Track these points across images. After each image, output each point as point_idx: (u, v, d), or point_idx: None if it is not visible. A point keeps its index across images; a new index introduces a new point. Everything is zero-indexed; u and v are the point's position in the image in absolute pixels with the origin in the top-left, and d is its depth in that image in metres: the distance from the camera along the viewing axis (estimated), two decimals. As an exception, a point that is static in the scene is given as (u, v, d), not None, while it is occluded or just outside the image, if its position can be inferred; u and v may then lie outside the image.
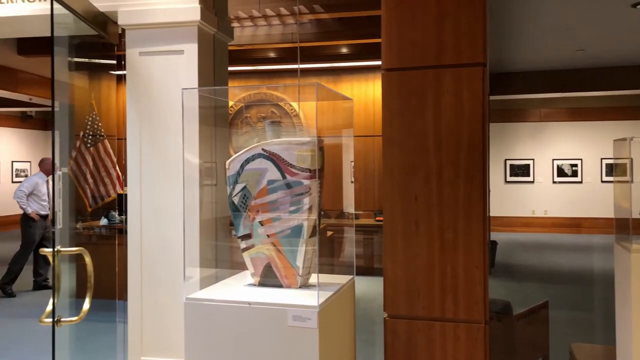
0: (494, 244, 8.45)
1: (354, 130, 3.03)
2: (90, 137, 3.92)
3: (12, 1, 3.15)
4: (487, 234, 2.05)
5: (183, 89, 2.39)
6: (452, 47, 2.05)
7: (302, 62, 8.01)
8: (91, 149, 3.99)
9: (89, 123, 3.89)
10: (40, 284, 7.35)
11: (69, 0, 2.46)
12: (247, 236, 2.27)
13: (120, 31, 3.09)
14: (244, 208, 2.26)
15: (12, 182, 13.74)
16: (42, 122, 15.47)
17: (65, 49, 2.73)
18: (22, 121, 14.78)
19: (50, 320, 2.07)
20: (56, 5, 2.33)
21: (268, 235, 2.22)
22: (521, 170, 13.51)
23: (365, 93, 8.94)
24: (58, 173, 2.31)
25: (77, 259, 2.61)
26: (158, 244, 2.89)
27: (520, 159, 13.52)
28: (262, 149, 2.24)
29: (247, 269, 2.31)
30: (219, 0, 3.25)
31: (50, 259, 2.16)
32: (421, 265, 2.05)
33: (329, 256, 2.57)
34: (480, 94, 2.04)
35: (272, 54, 7.95)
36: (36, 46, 7.30)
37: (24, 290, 7.28)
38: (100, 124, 3.94)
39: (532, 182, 13.45)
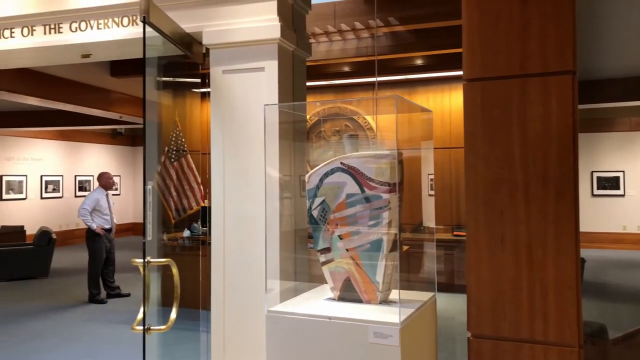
0: (581, 261, 7.96)
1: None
2: (174, 152, 4.10)
3: (107, 27, 3.38)
4: (579, 251, 1.93)
5: (265, 105, 2.45)
6: (538, 54, 1.96)
7: (377, 75, 8.00)
8: (175, 163, 4.18)
9: (173, 139, 4.08)
10: (110, 294, 7.74)
11: (159, 24, 2.60)
12: (327, 250, 2.27)
13: (204, 50, 3.22)
14: (323, 221, 2.28)
15: (103, 194, 14.65)
16: (130, 138, 16.46)
17: (155, 69, 2.88)
18: (113, 137, 15.81)
19: (141, 328, 2.17)
20: (147, 29, 2.48)
21: (347, 250, 2.21)
22: (610, 183, 12.67)
23: (442, 104, 8.78)
24: (148, 187, 2.43)
25: (163, 269, 2.73)
26: (240, 255, 2.96)
27: (608, 171, 12.69)
28: (341, 163, 2.25)
29: (325, 282, 2.32)
30: (298, 18, 3.32)
31: (141, 269, 2.27)
32: (507, 283, 1.96)
33: (406, 272, 2.53)
34: (570, 104, 1.94)
35: (346, 68, 8.00)
36: (127, 68, 7.80)
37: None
38: (183, 140, 4.11)
39: (623, 195, 12.57)
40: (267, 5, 2.97)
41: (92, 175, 14.91)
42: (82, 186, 14.82)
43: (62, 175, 14.21)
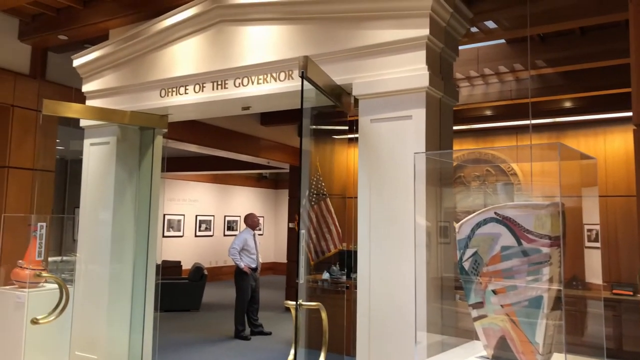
0: None
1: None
2: (314, 195, 4.25)
3: (266, 81, 3.69)
4: None
5: (415, 153, 2.46)
6: None
7: (521, 118, 7.67)
8: (315, 206, 4.34)
9: (314, 183, 4.25)
10: (253, 331, 8.02)
11: (315, 78, 2.78)
12: (479, 304, 2.17)
13: (352, 101, 3.36)
14: (476, 274, 2.19)
15: (248, 234, 15.60)
16: (273, 182, 17.48)
17: (308, 119, 3.06)
18: (258, 181, 16.91)
19: (292, 369, 2.23)
20: (305, 83, 2.65)
21: (502, 306, 2.09)
22: None
23: (595, 148, 8.08)
24: (302, 232, 2.56)
25: (309, 311, 2.79)
26: (385, 303, 2.94)
27: None
28: (495, 213, 2.16)
29: (476, 338, 2.20)
30: (445, 65, 3.33)
31: (292, 311, 2.35)
32: (699, 357, 1.70)
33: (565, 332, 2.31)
34: None
35: (488, 112, 7.79)
36: (275, 117, 8.38)
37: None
38: (323, 184, 4.25)
39: None
40: (416, 55, 3.03)
41: (239, 216, 15.99)
42: (230, 226, 15.94)
43: (213, 215, 15.44)
